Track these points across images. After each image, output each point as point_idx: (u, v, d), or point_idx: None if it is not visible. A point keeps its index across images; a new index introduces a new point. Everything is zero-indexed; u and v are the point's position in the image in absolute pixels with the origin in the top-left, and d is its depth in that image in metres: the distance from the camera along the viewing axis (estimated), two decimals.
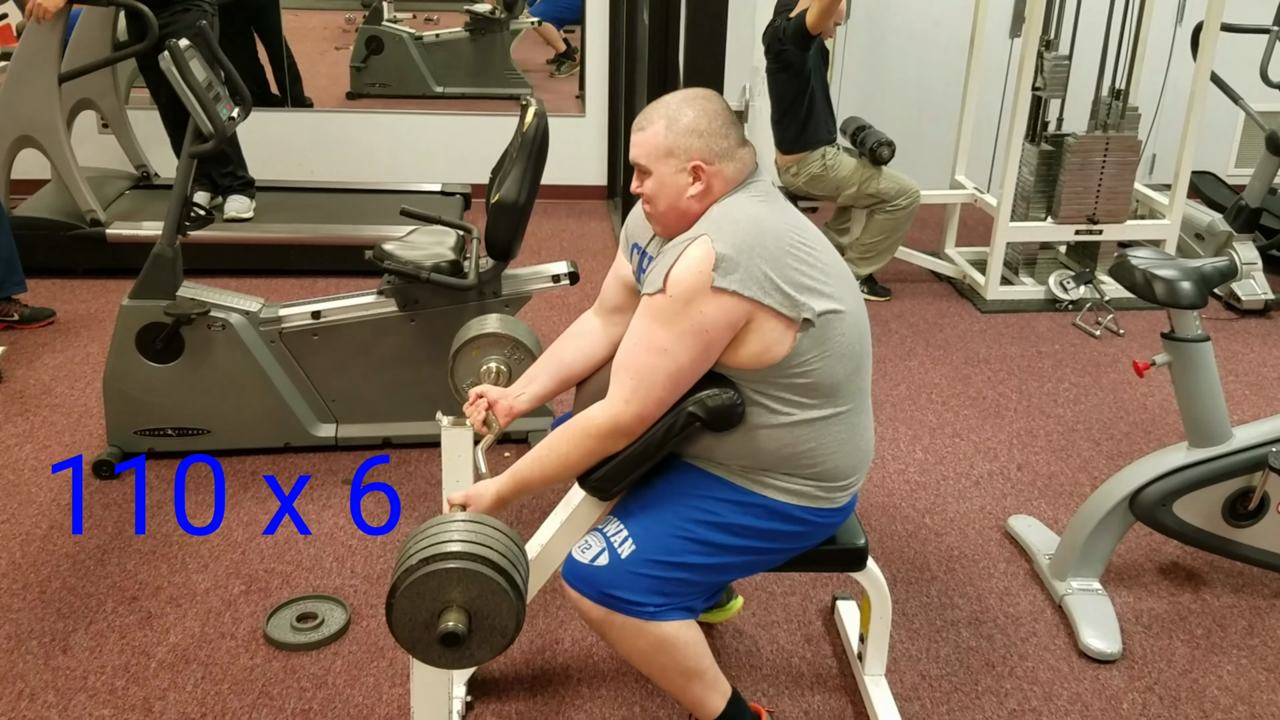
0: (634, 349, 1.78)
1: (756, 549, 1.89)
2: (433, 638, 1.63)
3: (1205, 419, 2.46)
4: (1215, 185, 5.23)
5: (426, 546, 1.62)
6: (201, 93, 2.85)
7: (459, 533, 1.65)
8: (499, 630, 1.65)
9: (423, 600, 1.62)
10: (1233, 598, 2.64)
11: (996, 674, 2.36)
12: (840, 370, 1.81)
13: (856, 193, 4.28)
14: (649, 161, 1.83)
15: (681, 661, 1.87)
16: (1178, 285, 2.34)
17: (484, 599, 1.62)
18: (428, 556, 1.61)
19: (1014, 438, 3.40)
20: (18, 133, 4.28)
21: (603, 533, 1.87)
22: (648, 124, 1.84)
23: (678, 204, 1.83)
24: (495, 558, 1.62)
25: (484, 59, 5.87)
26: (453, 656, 1.65)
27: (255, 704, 2.21)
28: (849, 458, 1.88)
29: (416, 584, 1.60)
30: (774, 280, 1.72)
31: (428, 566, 1.60)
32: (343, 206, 4.87)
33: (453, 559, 1.60)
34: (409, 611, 1.62)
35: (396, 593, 1.61)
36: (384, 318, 3.07)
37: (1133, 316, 4.37)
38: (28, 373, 3.61)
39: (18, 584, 2.55)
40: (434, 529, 1.67)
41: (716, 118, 1.83)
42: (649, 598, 1.80)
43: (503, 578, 1.62)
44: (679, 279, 1.72)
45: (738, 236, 1.73)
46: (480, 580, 1.61)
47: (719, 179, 1.83)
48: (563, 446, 1.83)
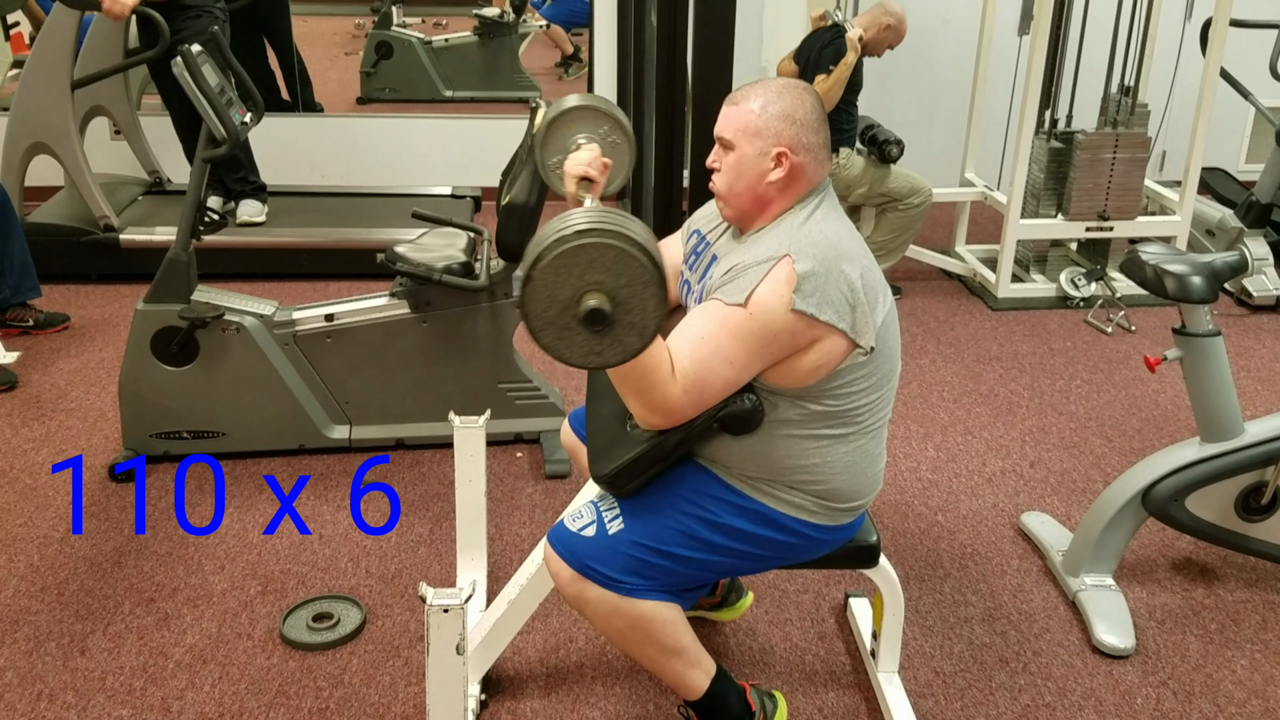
0: (702, 346, 1.73)
1: (744, 553, 1.88)
2: (572, 320, 1.53)
3: (1217, 414, 2.46)
4: (1226, 181, 5.22)
5: (579, 222, 1.51)
6: (214, 98, 2.87)
7: (614, 217, 1.54)
8: (638, 329, 1.55)
9: (569, 276, 1.51)
10: (1246, 592, 2.64)
11: (1010, 670, 2.37)
12: (864, 400, 1.82)
13: (867, 192, 4.29)
14: (735, 136, 1.81)
15: (659, 639, 1.86)
16: (1188, 280, 2.34)
17: (632, 287, 1.52)
18: (583, 230, 1.49)
19: (1026, 435, 3.40)
20: (31, 140, 4.31)
21: (596, 506, 1.88)
22: (743, 100, 1.82)
23: (755, 187, 1.81)
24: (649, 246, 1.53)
25: (493, 63, 5.89)
26: (589, 342, 1.56)
27: (272, 703, 2.23)
28: (854, 481, 1.87)
29: (566, 255, 1.49)
30: (849, 301, 1.73)
31: (582, 239, 1.49)
32: (354, 210, 4.89)
33: (611, 236, 1.50)
34: (550, 289, 1.51)
35: (540, 264, 1.50)
36: (396, 320, 3.09)
37: (1144, 313, 4.36)
38: (43, 377, 3.64)
39: (36, 586, 2.57)
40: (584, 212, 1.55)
41: (812, 112, 1.81)
42: (627, 576, 1.81)
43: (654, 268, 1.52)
44: (763, 301, 1.70)
45: (818, 259, 1.72)
46: (634, 265, 1.50)
47: (801, 173, 1.81)
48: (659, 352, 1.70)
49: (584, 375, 2.38)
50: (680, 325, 1.78)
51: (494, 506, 2.89)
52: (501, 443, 3.21)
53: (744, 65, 4.10)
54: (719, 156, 1.85)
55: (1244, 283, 4.43)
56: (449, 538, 2.77)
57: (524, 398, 3.19)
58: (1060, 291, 4.47)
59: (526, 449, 3.21)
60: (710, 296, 1.77)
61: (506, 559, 2.70)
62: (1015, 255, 4.49)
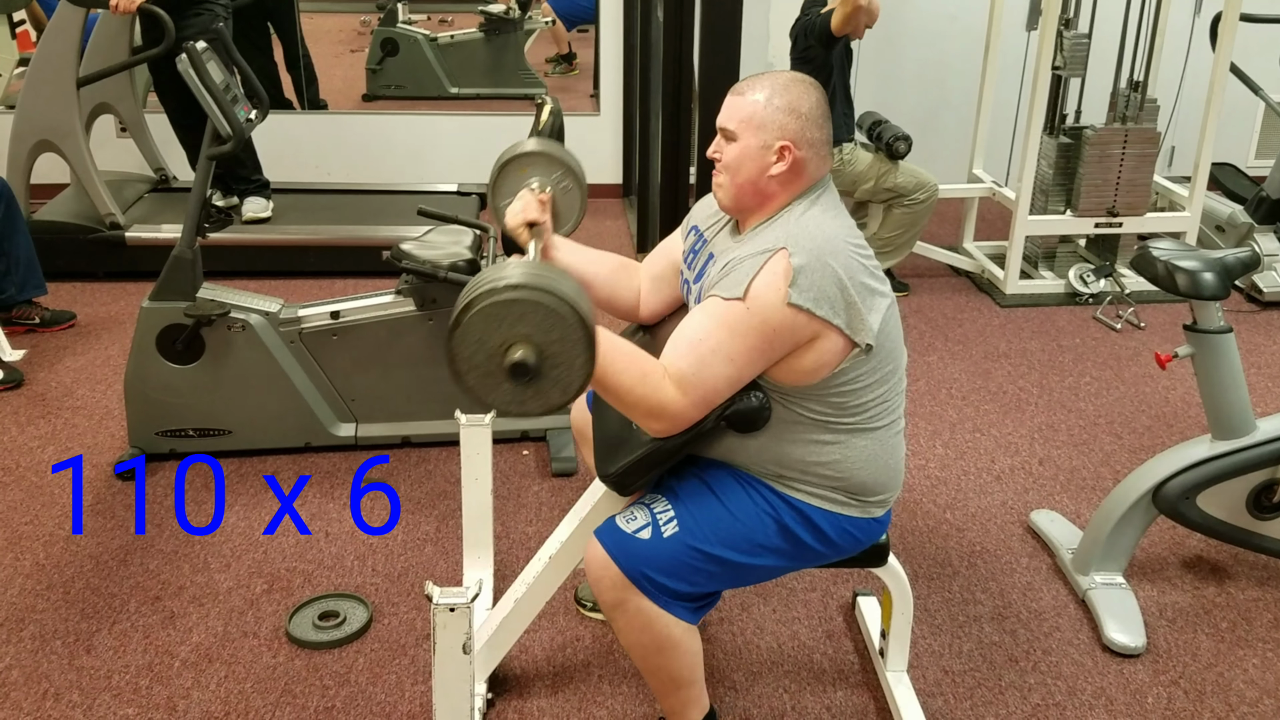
0: (701, 345, 1.71)
1: (788, 553, 1.87)
2: (498, 368, 1.55)
3: (1228, 411, 2.44)
4: (1235, 177, 5.19)
5: (512, 274, 1.53)
6: (219, 94, 2.87)
7: (545, 272, 1.56)
8: (562, 384, 1.57)
9: (497, 327, 1.53)
10: (1258, 591, 2.62)
11: (1020, 669, 2.35)
12: (871, 394, 1.80)
13: (874, 188, 4.27)
14: (738, 128, 1.79)
15: (677, 668, 1.86)
16: (1200, 276, 2.32)
17: (560, 344, 1.54)
18: (515, 284, 1.52)
19: (1035, 432, 3.38)
20: (37, 137, 4.31)
21: (649, 508, 1.85)
22: (748, 91, 1.80)
23: (757, 180, 1.79)
24: (580, 307, 1.54)
25: (498, 59, 5.88)
26: (511, 393, 1.57)
27: (278, 702, 2.22)
28: (877, 474, 1.85)
29: (496, 308, 1.51)
30: (845, 299, 1.71)
31: (514, 293, 1.51)
32: (360, 207, 4.89)
33: (541, 293, 1.51)
34: (479, 334, 1.54)
35: (471, 311, 1.52)
36: (402, 317, 3.08)
37: (1153, 309, 4.34)
38: (49, 375, 3.64)
39: (41, 584, 2.57)
40: (492, 269, 1.57)
41: (817, 107, 1.80)
42: (676, 583, 1.79)
43: (583, 329, 1.53)
44: (760, 294, 1.69)
45: (814, 253, 1.71)
46: (563, 324, 1.52)
47: (803, 168, 1.79)
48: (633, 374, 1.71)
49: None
50: (680, 326, 1.77)
51: (500, 504, 2.88)
52: (508, 440, 3.20)
53: (750, 61, 4.09)
54: (720, 147, 1.83)
55: (1254, 279, 4.41)
56: (455, 536, 2.76)
57: None
58: (1069, 288, 4.44)
59: (533, 447, 3.21)
60: (708, 294, 1.76)
61: (513, 557, 2.69)
62: (1024, 251, 4.47)
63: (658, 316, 2.11)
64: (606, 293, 2.09)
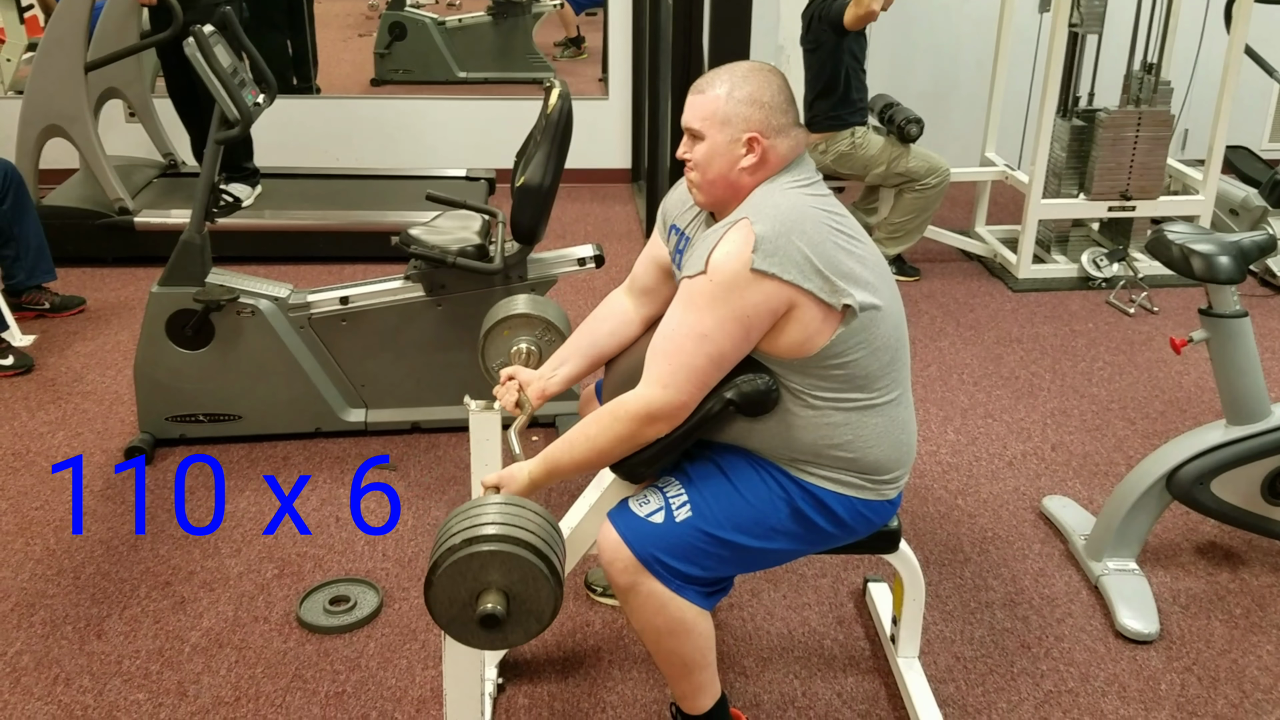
0: (672, 333, 1.74)
1: (801, 536, 1.86)
2: (471, 618, 1.63)
3: (1244, 396, 2.42)
4: (1250, 160, 5.14)
5: (468, 527, 1.62)
6: (227, 79, 2.85)
7: (498, 514, 1.64)
8: (535, 615, 1.65)
9: (463, 581, 1.61)
10: (1272, 577, 2.60)
11: (1032, 655, 2.34)
12: (876, 363, 1.78)
13: (885, 171, 4.24)
14: (704, 126, 1.79)
15: (689, 652, 1.86)
16: (1216, 260, 2.29)
17: (523, 583, 1.62)
18: (470, 538, 1.60)
19: (1047, 418, 3.36)
20: (45, 122, 4.31)
21: (662, 492, 1.85)
22: (708, 87, 1.79)
23: (728, 174, 1.79)
24: (535, 541, 1.62)
25: (506, 43, 5.85)
26: (489, 638, 1.65)
27: (289, 687, 2.22)
28: (889, 451, 1.84)
29: (458, 564, 1.60)
30: (814, 263, 1.69)
31: (469, 548, 1.60)
32: (368, 193, 4.88)
33: (494, 541, 1.60)
34: (448, 592, 1.62)
35: (437, 572, 1.61)
36: (411, 302, 3.07)
37: (1167, 294, 4.31)
38: (59, 361, 3.64)
39: (52, 570, 2.57)
40: (473, 510, 1.66)
41: (779, 93, 1.79)
42: (688, 566, 1.79)
43: (542, 562, 1.61)
44: (720, 262, 1.69)
45: (777, 219, 1.70)
46: (521, 564, 1.60)
47: (773, 154, 1.79)
48: (593, 430, 1.80)
49: None
50: (656, 331, 1.79)
51: None
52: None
53: (761, 44, 4.06)
54: (689, 147, 1.83)
55: (1268, 263, 4.37)
56: None
57: None
58: (1082, 272, 4.41)
59: (542, 433, 3.20)
60: (678, 282, 1.78)
61: None
62: (1036, 235, 4.44)
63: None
64: (617, 346, 2.13)
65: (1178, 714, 2.18)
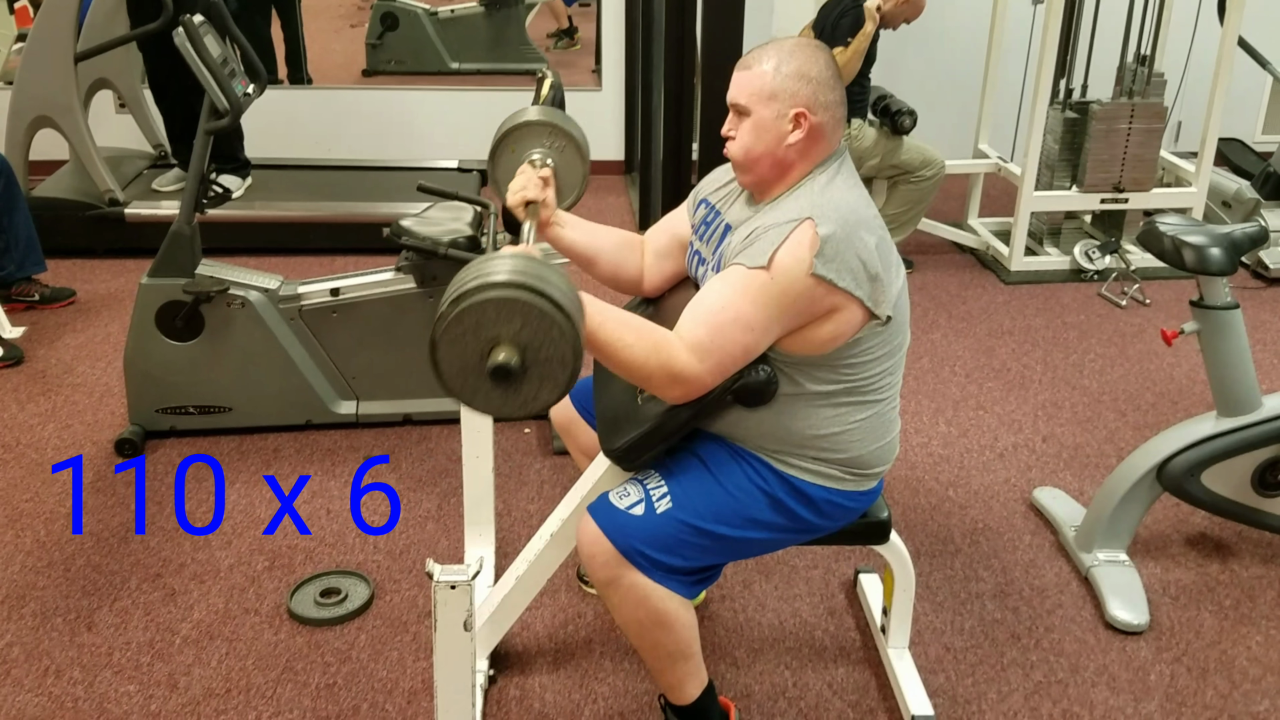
0: (722, 309, 1.69)
1: (781, 527, 1.87)
2: (484, 377, 1.53)
3: (1234, 387, 2.42)
4: (1242, 152, 5.15)
5: (473, 278, 1.52)
6: (217, 68, 2.84)
7: (507, 263, 1.53)
8: (557, 360, 1.53)
9: (469, 335, 1.51)
10: (1262, 568, 2.61)
11: (1022, 646, 2.35)
12: (883, 365, 1.80)
13: (880, 164, 4.24)
14: (750, 101, 1.76)
15: (673, 643, 1.85)
16: (1207, 251, 2.29)
17: (534, 330, 1.51)
18: (471, 289, 1.50)
19: (1039, 409, 3.36)
20: (35, 113, 4.28)
21: (643, 484, 1.85)
22: (755, 63, 1.77)
23: (775, 151, 1.77)
24: (549, 289, 1.51)
25: (499, 34, 5.83)
26: (507, 396, 1.55)
27: (280, 679, 2.22)
28: (874, 449, 1.85)
29: (460, 317, 1.50)
30: (867, 271, 1.69)
31: (470, 299, 1.50)
32: (360, 184, 4.86)
33: (498, 289, 1.50)
34: (456, 349, 1.52)
35: (442, 325, 1.51)
36: (403, 294, 3.06)
37: (1159, 286, 4.31)
38: (49, 352, 3.63)
39: (42, 562, 2.56)
40: (483, 262, 1.56)
41: (826, 68, 1.77)
42: (670, 557, 1.79)
43: (556, 309, 1.51)
44: (784, 264, 1.66)
45: (840, 222, 1.69)
46: (529, 311, 1.50)
47: (820, 133, 1.77)
48: (632, 339, 1.68)
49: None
50: (700, 294, 1.75)
51: (502, 482, 2.87)
52: (509, 419, 3.19)
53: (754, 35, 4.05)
54: (734, 124, 1.81)
55: (1260, 255, 4.38)
56: (456, 513, 2.75)
57: None
58: (1074, 264, 4.42)
59: (534, 425, 3.19)
60: (731, 262, 1.74)
61: (514, 535, 2.69)
62: (1029, 228, 4.44)
63: (661, 290, 2.10)
64: (611, 268, 2.07)
65: (1167, 704, 2.19)
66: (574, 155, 2.22)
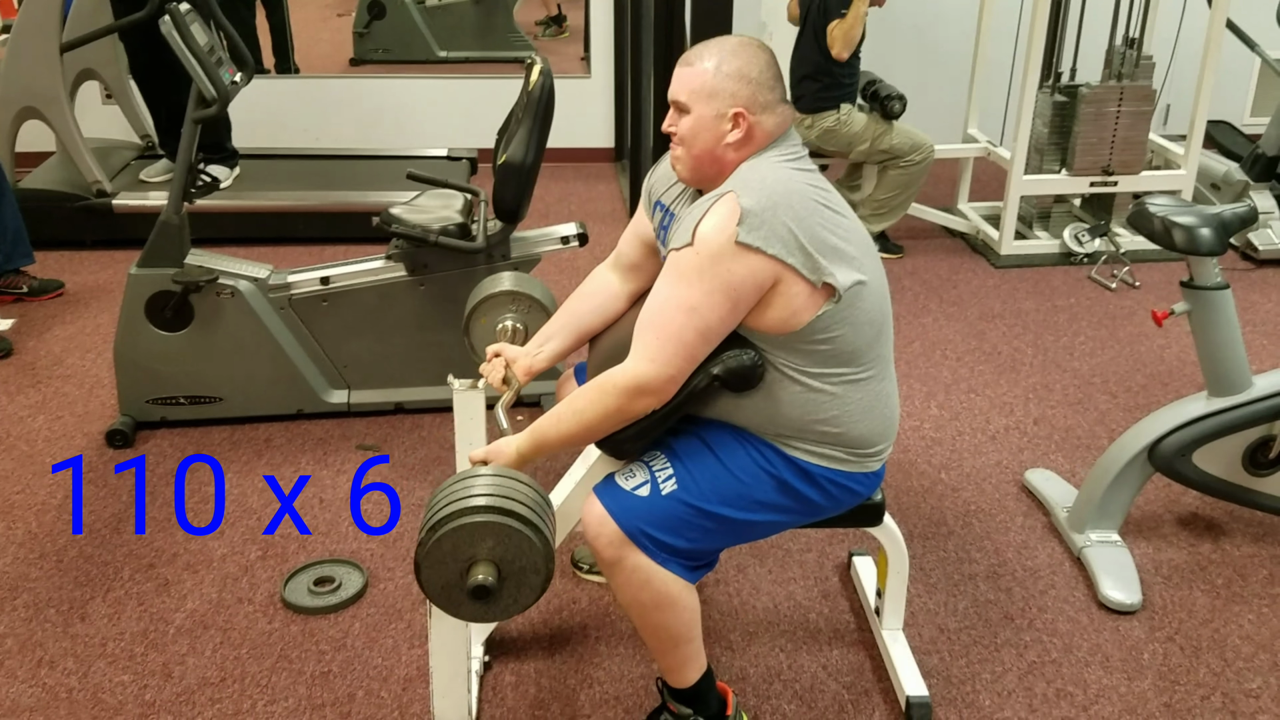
0: (661, 306, 1.73)
1: (786, 508, 1.87)
2: (463, 591, 1.63)
3: (1225, 367, 2.43)
4: (1231, 134, 5.15)
5: (458, 498, 1.62)
6: (204, 57, 2.82)
7: (487, 486, 1.64)
8: (528, 585, 1.65)
9: (448, 559, 1.62)
10: (1253, 547, 2.62)
11: (1015, 626, 2.36)
12: (861, 338, 1.79)
13: (869, 149, 4.23)
14: (690, 99, 1.78)
15: (675, 625, 1.86)
16: (1197, 232, 2.30)
17: (515, 553, 1.61)
18: (460, 509, 1.60)
19: (1030, 392, 3.37)
20: (21, 104, 4.26)
21: (648, 466, 1.85)
22: (696, 61, 1.79)
23: (713, 149, 1.79)
24: (524, 511, 1.62)
25: (487, 22, 5.81)
26: (482, 609, 1.65)
27: (274, 667, 2.22)
28: (873, 425, 1.85)
29: (450, 535, 1.60)
30: (798, 239, 1.69)
31: (460, 520, 1.60)
32: (349, 173, 4.84)
33: (484, 513, 1.60)
34: (440, 564, 1.62)
35: (427, 546, 1.61)
36: (393, 282, 3.06)
37: (1148, 268, 4.32)
38: (38, 344, 3.61)
39: (34, 553, 2.56)
40: (462, 482, 1.66)
41: (767, 69, 1.78)
42: (674, 539, 1.79)
43: (532, 532, 1.61)
44: (706, 235, 1.69)
45: (763, 193, 1.70)
46: (511, 535, 1.60)
47: (759, 130, 1.78)
48: (581, 404, 1.79)
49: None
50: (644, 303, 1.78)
51: None
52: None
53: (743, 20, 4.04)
54: (675, 120, 1.82)
55: (1249, 237, 4.39)
56: None
57: None
58: (1064, 248, 4.42)
59: (526, 412, 3.19)
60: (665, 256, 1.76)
61: None
62: (1019, 212, 4.44)
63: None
64: (602, 322, 2.13)
65: (1160, 683, 2.20)
66: (540, 313, 2.46)
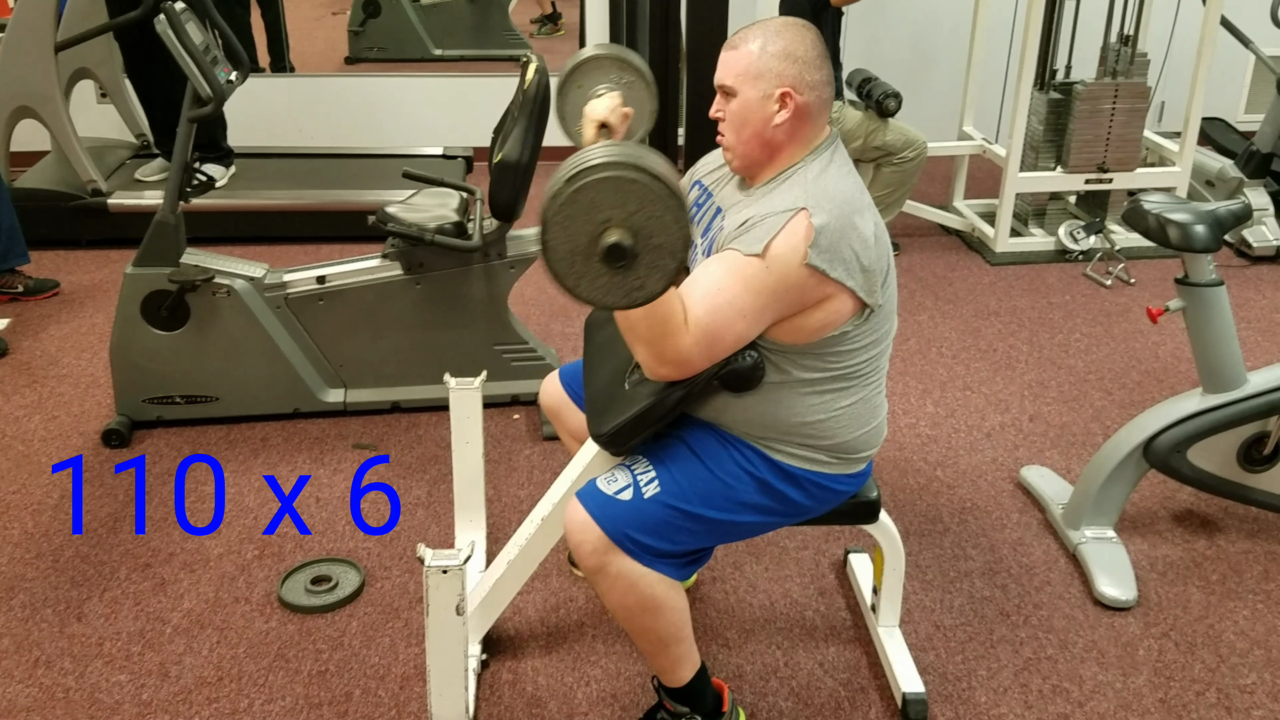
0: (718, 292, 1.68)
1: (769, 509, 1.87)
2: (597, 258, 1.51)
3: (1220, 364, 2.44)
4: (1225, 131, 5.17)
5: (587, 160, 1.50)
6: (199, 56, 2.82)
7: (623, 149, 1.50)
8: (668, 249, 1.52)
9: (581, 216, 1.49)
10: (1248, 543, 2.63)
11: (1011, 623, 2.36)
12: (870, 351, 1.80)
13: (863, 146, 4.23)
14: (736, 82, 1.76)
15: (664, 627, 1.86)
16: (1192, 229, 2.31)
17: (649, 215, 1.49)
18: (590, 167, 1.48)
19: (1025, 389, 3.38)
20: (16, 103, 4.25)
21: (630, 470, 1.85)
22: (740, 43, 1.77)
23: (762, 132, 1.77)
24: (667, 179, 1.49)
25: (482, 20, 5.82)
26: (618, 284, 1.53)
27: (271, 666, 2.22)
28: (861, 434, 1.86)
29: (574, 197, 1.48)
30: (860, 261, 1.70)
31: (590, 176, 1.47)
32: (344, 172, 4.84)
33: (620, 168, 1.47)
34: (566, 232, 1.50)
35: (554, 205, 1.49)
36: (389, 281, 3.05)
37: (1143, 265, 4.33)
38: (34, 344, 3.61)
39: (30, 553, 2.56)
40: (594, 148, 1.53)
41: (813, 48, 1.77)
42: (659, 541, 1.79)
43: (675, 199, 1.49)
44: (780, 253, 1.66)
45: (835, 213, 1.69)
46: (647, 194, 1.48)
47: (806, 113, 1.76)
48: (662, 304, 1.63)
49: (579, 338, 2.34)
50: (693, 275, 1.74)
51: (492, 468, 2.87)
52: (498, 405, 3.19)
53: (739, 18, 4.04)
54: (721, 105, 1.80)
55: (1244, 233, 4.40)
56: (447, 500, 2.75)
57: (519, 359, 3.16)
58: (1059, 245, 4.43)
59: (523, 410, 3.19)
60: (725, 247, 1.73)
61: (505, 520, 2.69)
62: (1014, 209, 4.45)
63: None
64: None
65: (1155, 679, 2.21)
66: (642, 90, 2.22)
